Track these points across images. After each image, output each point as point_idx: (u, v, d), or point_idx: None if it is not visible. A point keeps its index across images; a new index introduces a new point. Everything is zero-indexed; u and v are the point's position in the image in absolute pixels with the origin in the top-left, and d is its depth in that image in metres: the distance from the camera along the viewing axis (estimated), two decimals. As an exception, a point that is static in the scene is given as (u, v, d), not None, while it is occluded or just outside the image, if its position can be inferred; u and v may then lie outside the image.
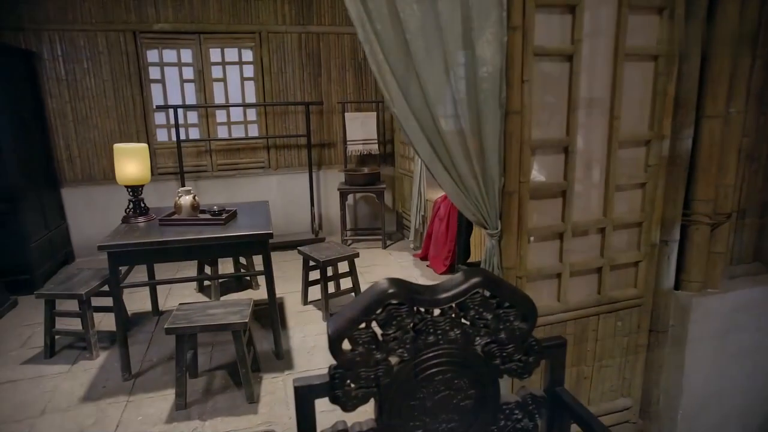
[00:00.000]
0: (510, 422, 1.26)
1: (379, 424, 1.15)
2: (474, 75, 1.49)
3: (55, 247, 4.44)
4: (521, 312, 1.21)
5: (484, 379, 1.21)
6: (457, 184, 1.57)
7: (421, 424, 1.19)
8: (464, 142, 1.53)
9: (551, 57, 1.56)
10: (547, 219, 1.69)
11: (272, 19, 4.99)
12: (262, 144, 5.22)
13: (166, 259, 2.78)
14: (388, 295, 1.10)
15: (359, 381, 1.11)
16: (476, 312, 1.17)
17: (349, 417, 1.14)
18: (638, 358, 1.91)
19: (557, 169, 1.67)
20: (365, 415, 1.18)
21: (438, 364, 1.16)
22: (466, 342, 1.17)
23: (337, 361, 1.10)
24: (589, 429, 1.15)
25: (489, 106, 1.52)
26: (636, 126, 1.71)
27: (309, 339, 3.15)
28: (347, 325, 1.08)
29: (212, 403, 2.53)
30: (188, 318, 2.47)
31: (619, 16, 1.57)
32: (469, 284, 1.15)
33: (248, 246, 2.76)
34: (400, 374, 1.14)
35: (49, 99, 4.57)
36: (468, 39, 1.47)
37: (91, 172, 4.83)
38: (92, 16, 4.54)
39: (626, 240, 1.81)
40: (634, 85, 1.67)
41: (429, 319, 1.14)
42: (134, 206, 3.04)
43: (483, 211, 1.61)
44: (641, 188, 1.77)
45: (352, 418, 1.16)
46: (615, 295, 1.82)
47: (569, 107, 1.61)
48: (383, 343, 1.11)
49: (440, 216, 4.25)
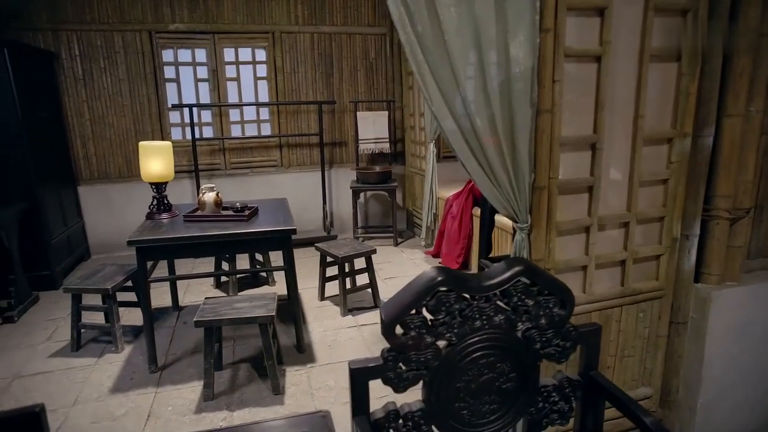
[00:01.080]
0: (547, 404, 1.33)
1: (427, 404, 1.22)
2: (507, 75, 1.56)
3: (72, 244, 4.51)
4: (559, 299, 1.27)
5: (525, 363, 1.28)
6: (490, 179, 1.64)
7: (466, 405, 1.25)
8: (497, 139, 1.60)
9: (580, 58, 1.62)
10: (574, 213, 1.75)
11: (285, 20, 5.06)
12: (275, 143, 5.29)
13: (193, 254, 2.85)
14: (437, 282, 1.16)
15: (410, 363, 1.17)
16: (518, 299, 1.23)
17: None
18: (659, 349, 1.98)
19: (584, 165, 1.73)
20: (402, 397, 1.24)
21: (482, 348, 1.23)
22: (509, 327, 1.24)
23: (390, 345, 1.17)
24: (627, 410, 1.21)
25: (521, 104, 1.59)
26: (659, 124, 1.78)
27: (329, 333, 3.21)
28: (400, 311, 1.15)
29: (239, 394, 2.60)
30: (216, 311, 2.53)
31: (645, 18, 1.63)
32: (512, 272, 1.22)
33: (272, 241, 2.82)
34: (448, 357, 1.21)
35: (67, 98, 4.64)
36: (502, 40, 1.53)
37: (106, 171, 4.89)
38: (109, 16, 4.61)
39: (648, 234, 1.87)
40: (658, 85, 1.74)
41: (475, 305, 1.20)
42: (158, 203, 3.11)
43: (514, 205, 1.68)
44: (663, 184, 1.83)
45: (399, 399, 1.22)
46: (637, 287, 1.88)
47: (596, 106, 1.68)
48: (433, 328, 1.18)
49: (453, 214, 4.32)
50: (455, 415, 1.25)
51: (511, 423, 1.31)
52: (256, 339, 3.15)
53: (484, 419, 1.28)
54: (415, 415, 1.20)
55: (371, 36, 5.34)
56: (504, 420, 1.30)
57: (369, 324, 3.32)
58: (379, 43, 5.37)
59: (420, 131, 5.04)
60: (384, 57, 5.41)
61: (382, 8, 5.30)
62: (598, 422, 1.35)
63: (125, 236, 4.87)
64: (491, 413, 1.28)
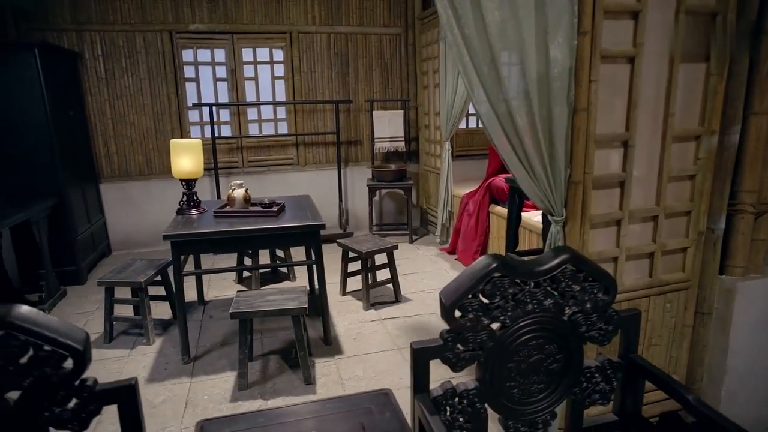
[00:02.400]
0: (590, 385, 1.41)
1: (481, 383, 1.30)
2: (547, 75, 1.64)
3: (95, 241, 4.60)
4: (603, 285, 1.35)
5: (570, 345, 1.36)
6: (529, 174, 1.72)
7: (516, 385, 1.34)
8: (536, 135, 1.68)
9: (615, 59, 1.70)
10: (607, 207, 1.83)
11: (302, 20, 5.14)
12: (292, 141, 5.37)
13: (226, 249, 2.94)
14: (493, 268, 1.25)
15: (467, 344, 1.26)
16: (566, 284, 1.32)
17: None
18: (684, 338, 2.06)
19: (616, 161, 1.81)
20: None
21: (532, 330, 1.31)
22: (557, 311, 1.32)
23: (449, 327, 1.25)
24: (669, 388, 1.30)
25: (559, 103, 1.67)
26: (687, 122, 1.86)
27: (353, 327, 3.30)
28: (459, 295, 1.23)
29: (271, 384, 2.68)
30: (250, 303, 2.62)
31: (677, 21, 1.71)
32: (560, 259, 1.30)
33: (301, 236, 2.90)
34: (501, 339, 1.29)
35: (89, 97, 4.73)
36: (542, 42, 1.62)
37: (127, 168, 4.98)
38: (131, 16, 4.70)
39: (676, 227, 1.96)
40: (687, 84, 1.82)
41: (527, 289, 1.29)
42: (188, 199, 3.20)
43: (550, 199, 1.76)
44: (691, 180, 1.91)
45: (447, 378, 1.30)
46: (665, 279, 1.96)
47: (629, 105, 1.76)
48: (488, 311, 1.26)
49: (469, 212, 4.40)
50: (506, 394, 1.33)
51: (557, 402, 1.40)
52: (282, 332, 3.25)
53: (532, 398, 1.36)
54: (470, 393, 1.29)
55: (386, 36, 5.42)
56: (550, 399, 1.38)
57: (392, 318, 3.40)
58: (394, 43, 5.45)
59: (435, 130, 5.12)
60: (399, 57, 5.49)
61: (397, 9, 5.39)
62: (637, 402, 1.43)
63: (145, 233, 5.06)
64: (539, 392, 1.37)
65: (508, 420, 1.36)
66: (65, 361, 1.05)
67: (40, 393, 1.03)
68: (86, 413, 1.07)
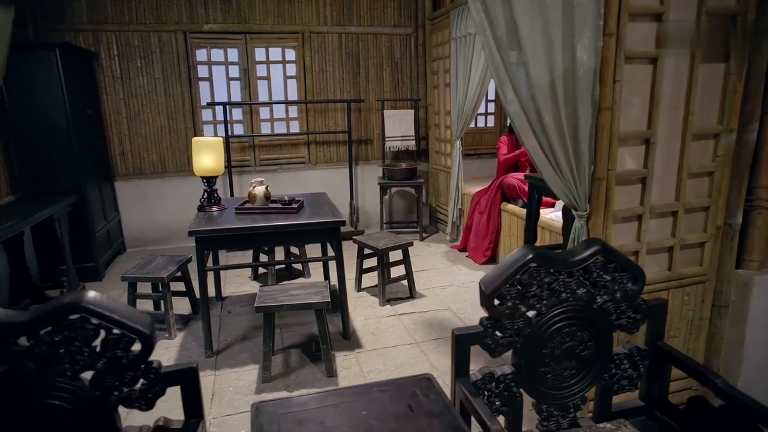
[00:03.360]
0: (619, 371, 1.48)
1: (517, 369, 1.37)
2: (573, 75, 1.70)
3: (111, 238, 4.67)
4: (632, 275, 1.42)
5: (601, 333, 1.43)
6: (555, 170, 1.79)
7: (550, 370, 1.40)
8: (562, 133, 1.75)
9: (639, 59, 1.76)
10: (628, 202, 1.90)
11: (314, 20, 5.20)
12: (303, 140, 5.44)
13: (249, 245, 3.01)
14: (530, 259, 1.31)
15: (505, 331, 1.32)
16: (597, 274, 1.38)
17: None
18: (702, 330, 2.12)
19: (638, 158, 1.88)
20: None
21: (566, 318, 1.38)
22: (589, 300, 1.39)
23: (488, 314, 1.32)
24: (697, 373, 1.36)
25: (584, 102, 1.73)
26: (707, 120, 1.92)
27: (370, 322, 3.36)
28: (499, 283, 1.29)
29: (294, 377, 2.75)
30: (274, 298, 2.68)
31: (698, 22, 1.78)
32: (592, 251, 1.37)
33: (322, 233, 2.96)
34: (537, 326, 1.35)
35: (105, 96, 4.79)
36: (569, 43, 1.68)
37: (141, 167, 5.04)
38: (146, 17, 4.76)
39: (694, 222, 2.02)
40: (707, 84, 1.88)
41: (561, 279, 1.35)
42: (208, 196, 3.26)
43: (575, 194, 1.82)
44: (709, 176, 1.98)
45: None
46: (683, 272, 2.03)
47: (651, 104, 1.82)
48: (525, 299, 1.33)
49: (480, 209, 4.46)
50: (540, 379, 1.40)
51: (587, 388, 1.46)
52: (301, 327, 3.31)
53: (565, 383, 1.43)
54: (507, 377, 1.35)
55: (397, 36, 5.48)
56: (581, 384, 1.45)
57: (408, 313, 3.47)
58: (404, 44, 5.52)
59: (445, 129, 5.18)
60: (409, 57, 5.55)
61: (407, 9, 5.45)
62: (663, 388, 1.50)
63: (159, 230, 5.13)
64: (570, 378, 1.43)
65: (541, 404, 1.43)
66: (133, 344, 1.11)
67: (112, 374, 1.10)
68: (152, 393, 1.14)
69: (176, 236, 5.20)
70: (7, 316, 1.03)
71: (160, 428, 1.17)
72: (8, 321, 1.02)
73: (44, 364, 1.05)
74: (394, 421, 1.14)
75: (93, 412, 1.10)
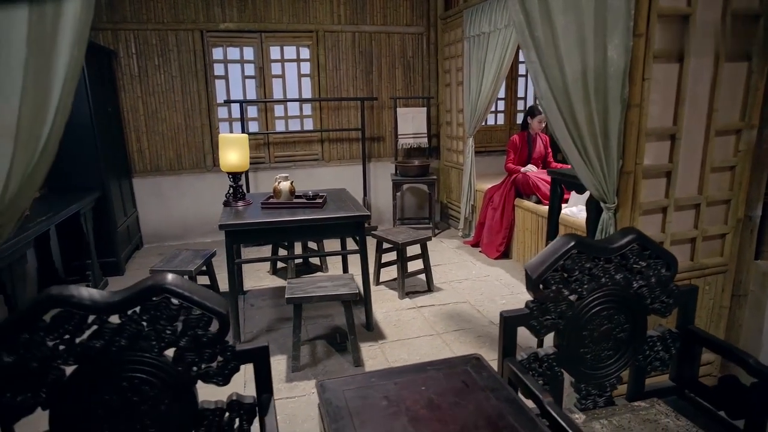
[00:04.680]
0: (652, 353, 1.56)
1: (559, 349, 1.45)
2: (604, 73, 1.79)
3: (130, 233, 4.75)
4: (665, 262, 1.51)
5: (636, 316, 1.51)
6: (586, 164, 1.87)
7: (589, 351, 1.49)
8: (593, 129, 1.83)
9: (666, 58, 1.85)
10: (654, 195, 1.99)
11: (328, 19, 5.28)
12: (317, 137, 5.52)
13: (277, 238, 3.09)
14: (572, 245, 1.40)
15: (549, 313, 1.41)
16: (634, 260, 1.47)
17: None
18: (721, 319, 2.21)
19: (663, 153, 1.96)
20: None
21: (604, 301, 1.47)
22: (626, 284, 1.48)
23: (534, 298, 1.40)
24: (729, 353, 1.45)
25: (613, 99, 1.81)
26: (729, 116, 2.01)
27: (391, 314, 3.45)
28: (544, 269, 1.38)
29: (322, 366, 2.83)
30: (304, 289, 2.77)
31: (723, 23, 1.86)
32: (628, 238, 1.46)
33: (347, 227, 3.05)
34: (578, 309, 1.44)
35: (123, 94, 4.87)
36: (600, 43, 1.76)
37: (158, 164, 5.12)
38: (164, 16, 4.84)
39: (715, 215, 2.11)
40: (729, 82, 1.97)
41: (601, 264, 1.44)
42: (234, 191, 3.34)
43: (604, 187, 1.91)
44: (731, 170, 2.06)
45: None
46: (705, 262, 2.12)
47: (677, 101, 1.91)
48: (568, 284, 1.41)
49: (494, 205, 4.55)
50: (581, 360, 1.49)
51: (623, 368, 1.55)
52: (324, 320, 3.40)
53: (602, 364, 1.52)
54: (550, 357, 1.44)
55: (409, 35, 5.56)
56: (617, 365, 1.54)
57: (427, 306, 3.56)
58: (416, 42, 5.60)
59: (457, 127, 5.27)
60: (420, 55, 5.63)
61: (419, 9, 5.53)
62: (694, 369, 1.58)
63: (175, 226, 5.22)
64: (608, 358, 1.52)
65: (580, 383, 1.51)
66: (211, 324, 1.20)
67: (192, 351, 1.18)
68: (228, 369, 1.22)
69: (192, 232, 5.29)
70: (101, 297, 1.11)
71: (234, 402, 1.25)
72: (103, 301, 1.10)
73: (134, 340, 1.13)
74: (453, 395, 1.22)
75: (175, 386, 1.18)
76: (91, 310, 1.10)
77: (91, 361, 1.12)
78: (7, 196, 1.36)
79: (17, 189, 1.37)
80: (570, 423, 1.11)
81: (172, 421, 1.20)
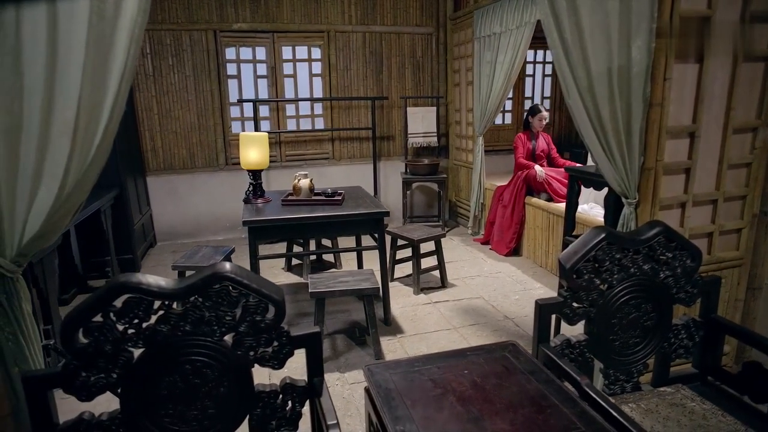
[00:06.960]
0: (677, 340, 1.63)
1: (590, 336, 1.52)
2: (628, 73, 1.86)
3: (145, 231, 4.81)
4: (690, 253, 1.58)
5: (662, 305, 1.58)
6: (610, 161, 1.94)
7: (618, 338, 1.56)
8: (617, 126, 1.90)
9: (687, 59, 1.92)
10: (673, 191, 2.06)
11: (339, 20, 5.35)
12: (328, 136, 5.59)
13: (297, 235, 3.16)
14: (603, 237, 1.47)
15: (581, 302, 1.48)
16: (660, 252, 1.54)
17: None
18: (737, 311, 2.28)
19: (683, 150, 2.04)
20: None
21: (632, 291, 1.54)
22: (653, 274, 1.55)
23: (567, 286, 1.47)
24: (753, 340, 1.52)
25: (636, 98, 1.89)
26: (745, 115, 2.08)
27: (407, 309, 3.52)
28: (578, 259, 1.45)
29: (343, 359, 2.90)
30: (326, 284, 2.83)
31: (742, 25, 1.93)
32: (655, 231, 1.53)
33: (367, 223, 3.11)
34: (608, 298, 1.51)
35: (137, 93, 4.93)
36: (624, 45, 1.83)
37: (171, 162, 5.18)
38: (178, 16, 4.90)
39: (732, 210, 2.18)
40: (746, 81, 2.04)
41: (630, 255, 1.51)
42: (254, 189, 3.41)
43: (626, 183, 1.98)
44: (747, 167, 2.14)
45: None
46: (721, 256, 2.19)
47: (696, 100, 1.98)
48: (599, 273, 1.48)
49: (504, 203, 4.62)
50: (610, 346, 1.55)
51: (649, 356, 1.62)
52: (342, 314, 3.47)
53: (630, 350, 1.59)
54: (581, 343, 1.51)
55: (418, 35, 5.63)
56: (644, 352, 1.61)
57: (442, 301, 3.63)
58: (426, 43, 5.66)
59: (467, 126, 5.34)
60: (430, 56, 5.70)
61: (429, 10, 5.60)
62: (717, 356, 1.65)
63: (188, 224, 5.28)
64: (635, 345, 1.59)
65: (609, 369, 1.58)
66: (268, 310, 1.27)
67: (250, 336, 1.25)
68: (283, 354, 1.29)
69: (205, 230, 5.35)
70: (167, 284, 1.18)
71: (288, 385, 1.32)
72: (169, 288, 1.17)
73: (196, 325, 1.20)
74: (495, 377, 1.29)
75: (234, 369, 1.25)
76: (158, 296, 1.16)
77: (157, 345, 1.18)
78: (65, 190, 1.43)
79: (74, 184, 1.44)
80: (608, 401, 1.18)
81: (230, 403, 1.27)
